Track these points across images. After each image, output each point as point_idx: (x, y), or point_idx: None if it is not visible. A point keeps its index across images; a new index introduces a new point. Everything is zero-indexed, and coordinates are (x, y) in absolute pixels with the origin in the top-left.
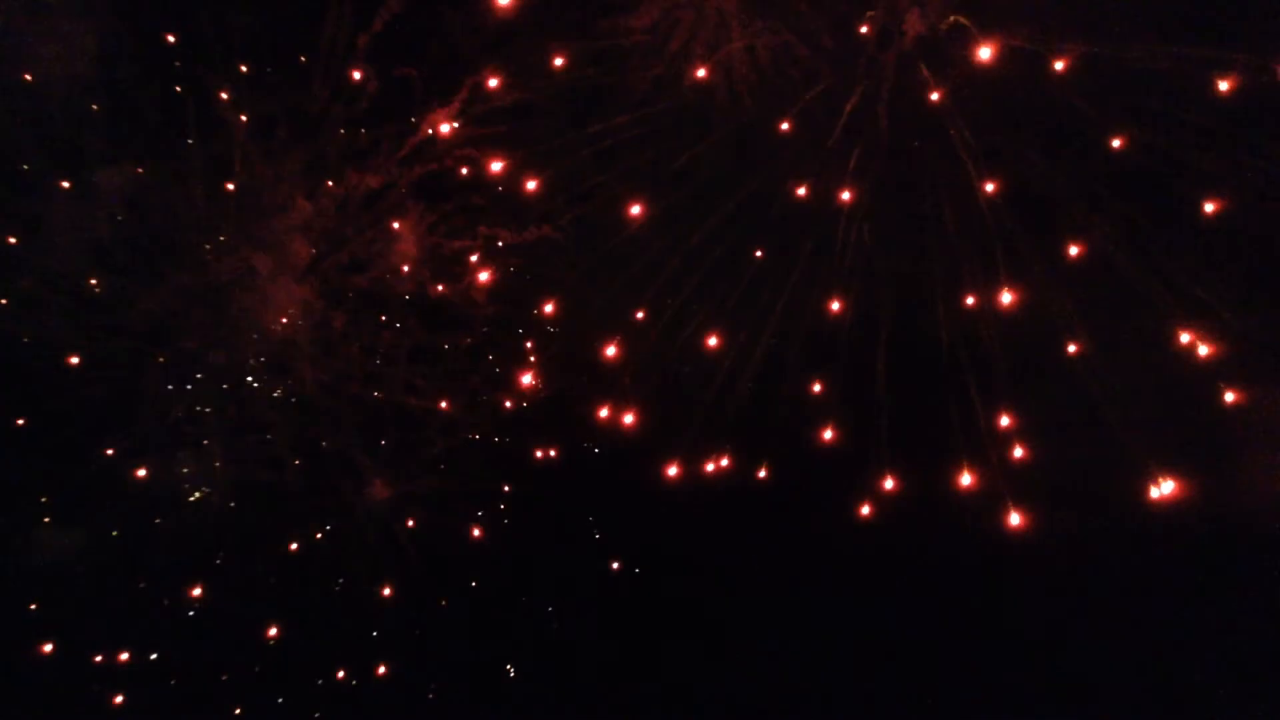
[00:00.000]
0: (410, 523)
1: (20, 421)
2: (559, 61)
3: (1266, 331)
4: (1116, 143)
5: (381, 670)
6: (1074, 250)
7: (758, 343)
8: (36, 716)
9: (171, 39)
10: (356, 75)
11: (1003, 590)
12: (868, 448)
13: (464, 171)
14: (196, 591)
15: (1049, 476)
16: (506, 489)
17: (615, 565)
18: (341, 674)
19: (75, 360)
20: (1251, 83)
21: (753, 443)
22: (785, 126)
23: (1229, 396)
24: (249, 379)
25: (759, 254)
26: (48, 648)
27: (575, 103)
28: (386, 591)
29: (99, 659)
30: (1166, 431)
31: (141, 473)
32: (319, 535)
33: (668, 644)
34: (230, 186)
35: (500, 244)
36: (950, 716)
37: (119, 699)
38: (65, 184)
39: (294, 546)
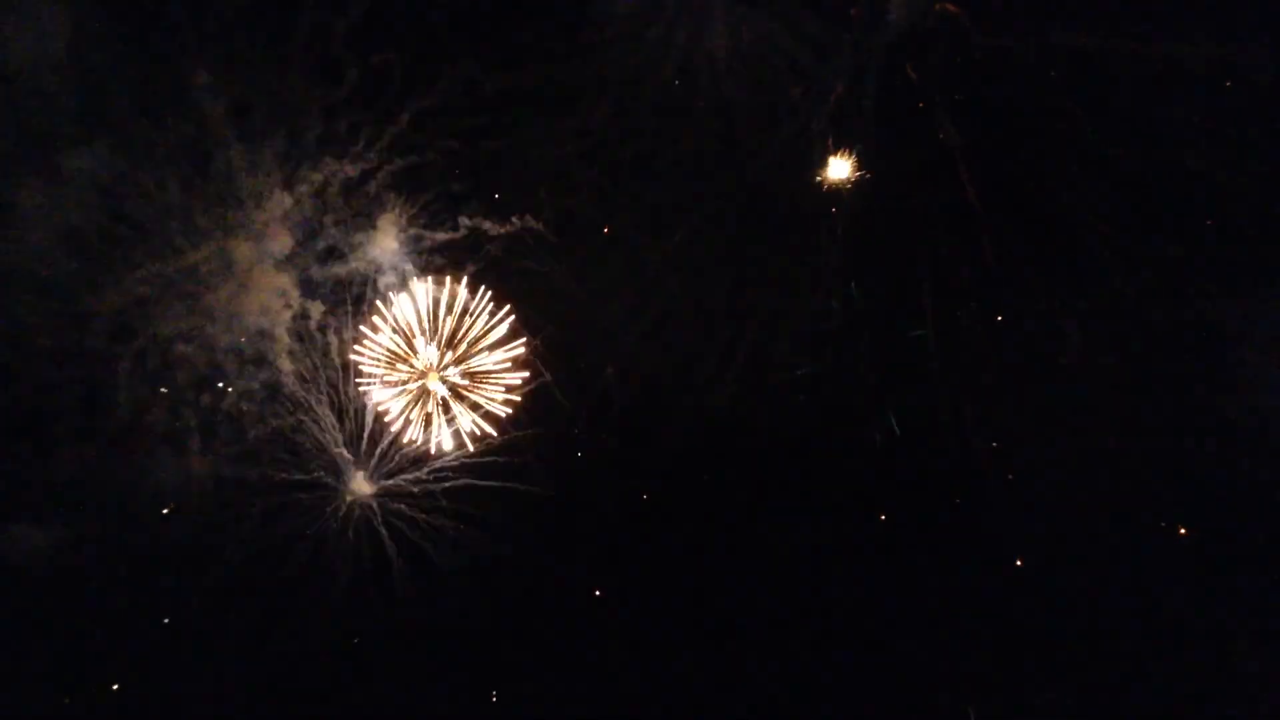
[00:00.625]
0: (391, 519)
1: None
2: (540, 50)
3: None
4: (1111, 140)
5: (364, 671)
6: (1068, 253)
7: (742, 341)
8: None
9: (147, 24)
10: (336, 62)
11: (1005, 600)
12: (855, 450)
13: (445, 161)
14: (172, 591)
15: (1046, 485)
16: (489, 485)
17: (606, 564)
18: (323, 675)
19: (45, 352)
20: (1252, 82)
21: (738, 443)
22: (770, 120)
23: (1232, 409)
24: (225, 371)
25: (746, 250)
26: (23, 651)
27: (557, 92)
28: (368, 590)
29: (72, 660)
30: (1168, 438)
31: (114, 469)
32: (300, 535)
33: (661, 649)
34: (207, 175)
35: (482, 234)
36: None
37: (96, 701)
38: (38, 171)
39: (272, 543)
